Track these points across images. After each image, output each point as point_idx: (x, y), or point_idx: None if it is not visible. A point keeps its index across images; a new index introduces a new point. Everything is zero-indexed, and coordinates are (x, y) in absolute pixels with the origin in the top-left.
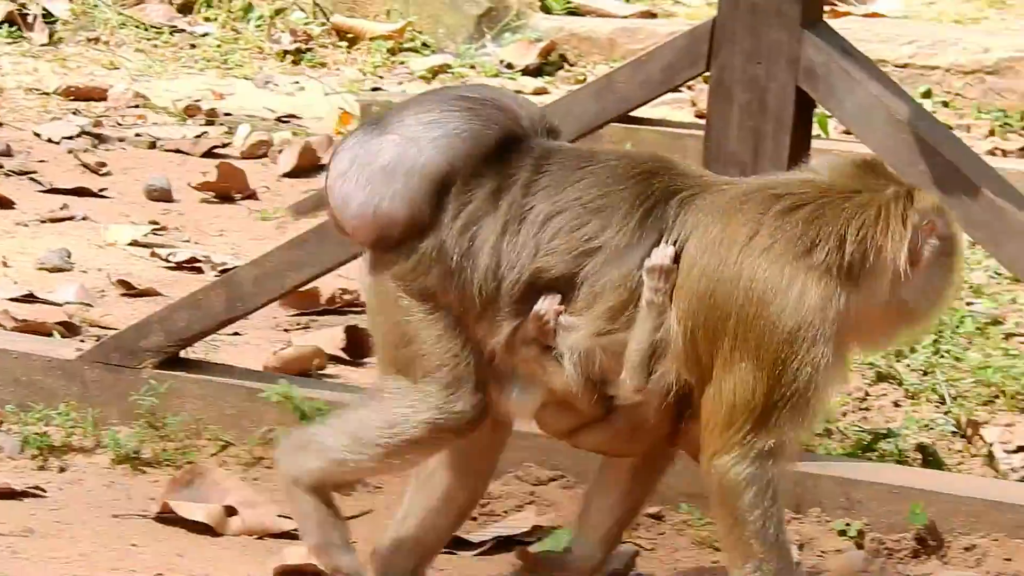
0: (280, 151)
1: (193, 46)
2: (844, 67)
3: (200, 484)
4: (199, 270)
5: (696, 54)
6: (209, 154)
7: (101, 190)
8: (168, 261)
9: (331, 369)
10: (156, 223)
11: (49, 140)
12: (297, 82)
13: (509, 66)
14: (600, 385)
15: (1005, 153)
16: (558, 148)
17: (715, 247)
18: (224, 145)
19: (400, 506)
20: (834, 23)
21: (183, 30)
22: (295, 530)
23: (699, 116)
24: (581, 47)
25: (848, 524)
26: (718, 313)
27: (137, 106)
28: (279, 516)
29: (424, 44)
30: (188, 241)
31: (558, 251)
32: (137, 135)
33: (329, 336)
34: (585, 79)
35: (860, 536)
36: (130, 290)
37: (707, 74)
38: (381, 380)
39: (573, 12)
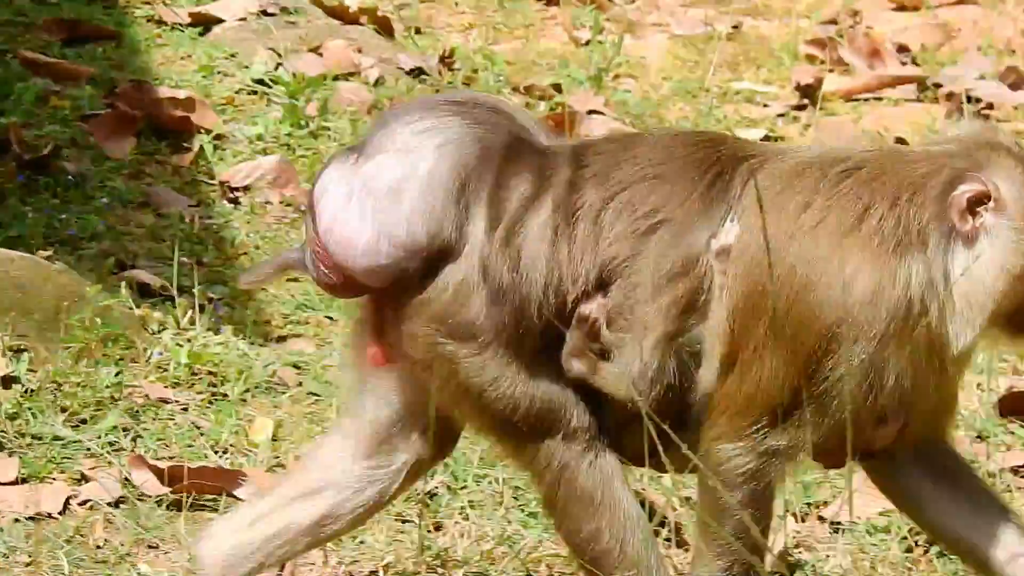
0: None
1: None
2: None
3: None
4: None
5: None
6: None
7: None
8: None
9: None
10: None
11: None
12: None
13: None
14: (671, 384)
15: None
16: (594, 140)
17: (771, 216)
18: None
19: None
20: None
21: None
22: None
23: None
24: None
25: None
26: (758, 292)
27: None
28: None
29: None
30: None
31: (622, 236)
32: None
33: None
34: None
35: None
36: None
37: None
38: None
39: None
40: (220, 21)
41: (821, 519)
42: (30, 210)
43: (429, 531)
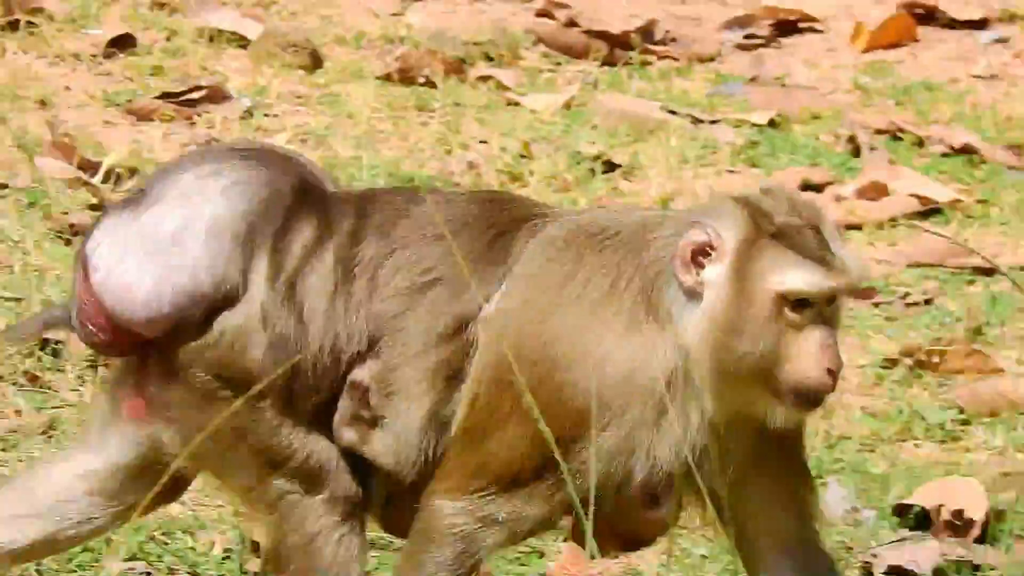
0: None
1: None
2: None
3: None
4: None
5: None
6: None
7: None
8: None
9: None
10: None
11: None
12: None
13: None
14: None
15: None
16: (379, 192)
17: (528, 289)
18: None
19: None
20: None
21: None
22: None
23: None
24: None
25: None
26: (508, 364)
27: None
28: None
29: None
30: None
31: (395, 292)
32: None
33: None
34: None
35: None
36: None
37: None
38: (271, 494)
39: None
40: None
41: None
42: None
43: None
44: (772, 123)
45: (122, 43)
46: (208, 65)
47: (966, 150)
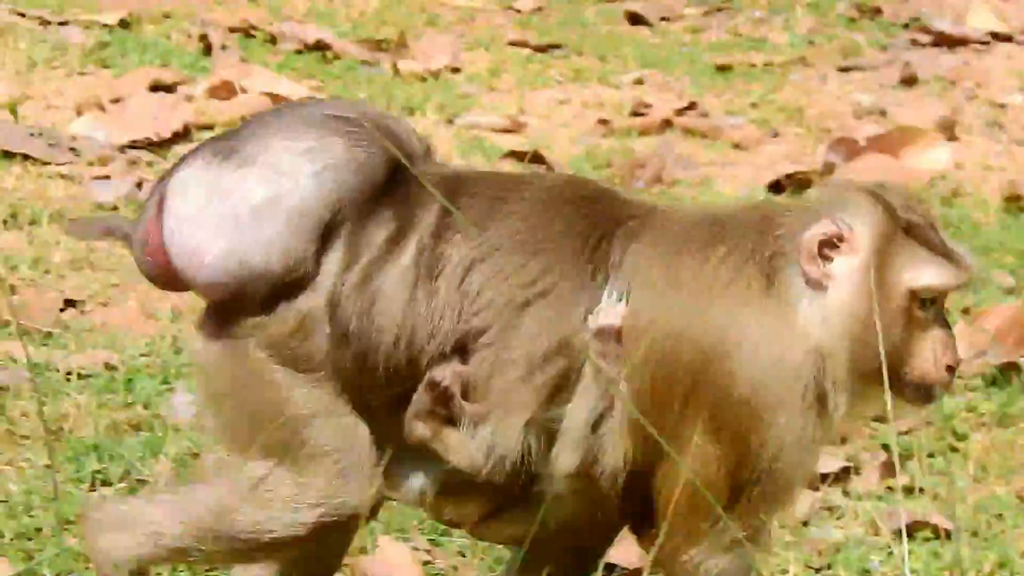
0: None
1: None
2: None
3: None
4: None
5: None
6: None
7: None
8: None
9: None
10: None
11: None
12: None
13: None
14: (523, 463)
15: None
16: (466, 176)
17: (661, 293)
18: None
19: None
20: None
21: None
22: None
23: None
24: None
25: None
26: (666, 374)
27: None
28: None
29: None
30: None
31: (491, 305)
32: None
33: None
34: None
35: None
36: None
37: None
38: (245, 465)
39: None
40: None
41: None
42: None
43: None
44: (123, 23)
45: None
46: None
47: (319, 46)
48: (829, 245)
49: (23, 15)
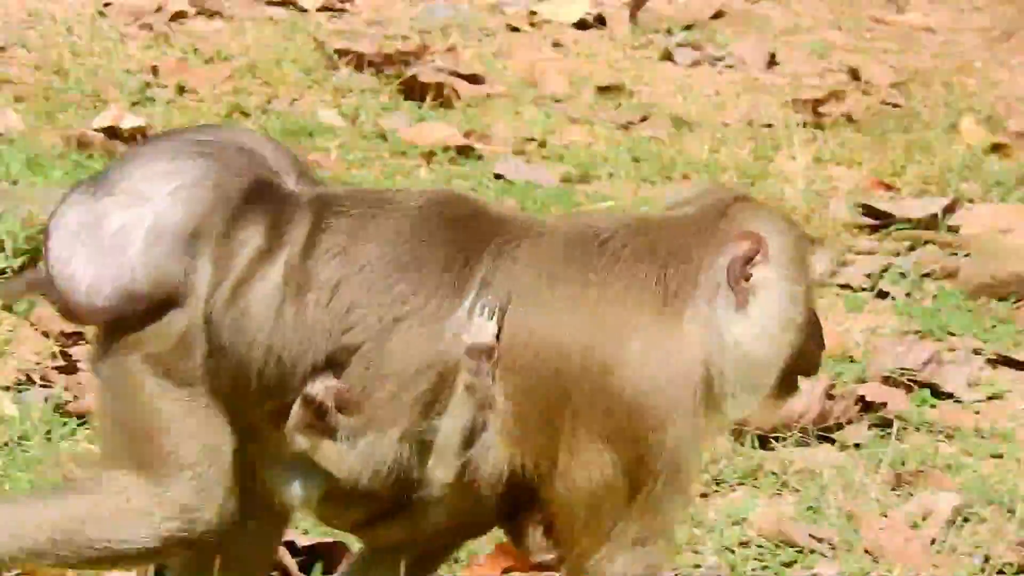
0: None
1: None
2: None
3: None
4: None
5: None
6: None
7: None
8: None
9: None
10: None
11: None
12: None
13: None
14: (401, 473)
15: None
16: (336, 194)
17: (542, 308)
18: None
19: None
20: None
21: None
22: None
23: None
24: None
25: None
26: (553, 388)
27: None
28: None
29: None
30: None
31: (362, 323)
32: None
33: None
34: None
35: None
36: None
37: None
38: (103, 472)
39: None
40: None
41: None
42: None
43: None
44: None
45: None
46: None
47: None
48: (748, 261)
49: None
